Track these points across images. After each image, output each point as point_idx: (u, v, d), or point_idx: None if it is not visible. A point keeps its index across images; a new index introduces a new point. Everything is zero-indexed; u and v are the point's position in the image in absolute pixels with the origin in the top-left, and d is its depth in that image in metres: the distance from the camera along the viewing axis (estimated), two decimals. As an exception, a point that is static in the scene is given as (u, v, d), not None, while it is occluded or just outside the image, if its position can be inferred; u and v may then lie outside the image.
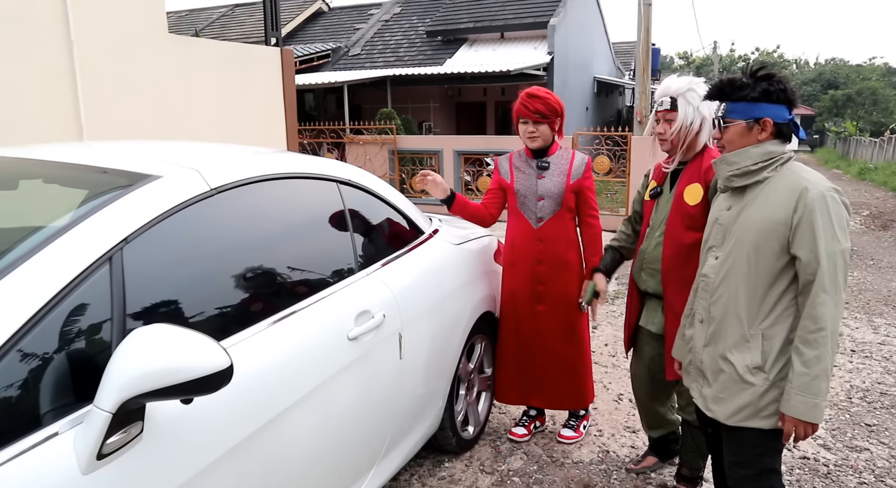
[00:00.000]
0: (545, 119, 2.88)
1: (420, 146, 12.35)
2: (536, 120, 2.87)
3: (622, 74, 22.30)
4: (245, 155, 2.13)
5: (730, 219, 1.93)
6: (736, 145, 1.89)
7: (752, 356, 1.86)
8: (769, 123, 1.84)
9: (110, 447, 1.26)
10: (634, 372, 2.81)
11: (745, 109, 1.86)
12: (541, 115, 2.86)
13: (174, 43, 5.72)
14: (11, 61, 4.57)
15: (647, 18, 10.12)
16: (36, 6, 4.62)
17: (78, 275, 1.36)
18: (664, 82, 2.47)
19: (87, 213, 1.47)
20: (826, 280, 1.73)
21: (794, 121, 1.88)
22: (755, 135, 1.87)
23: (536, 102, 2.87)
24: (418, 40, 17.74)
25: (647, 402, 2.81)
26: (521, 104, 2.91)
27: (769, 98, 1.83)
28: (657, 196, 2.55)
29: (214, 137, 6.05)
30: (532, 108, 2.87)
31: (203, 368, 1.28)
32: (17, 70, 4.61)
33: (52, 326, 1.31)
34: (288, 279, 1.99)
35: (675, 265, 2.43)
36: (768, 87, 1.83)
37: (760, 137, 1.86)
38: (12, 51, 4.56)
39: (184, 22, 21.23)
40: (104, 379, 1.24)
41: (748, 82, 1.86)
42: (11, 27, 4.53)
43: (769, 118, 1.84)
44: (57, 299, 1.32)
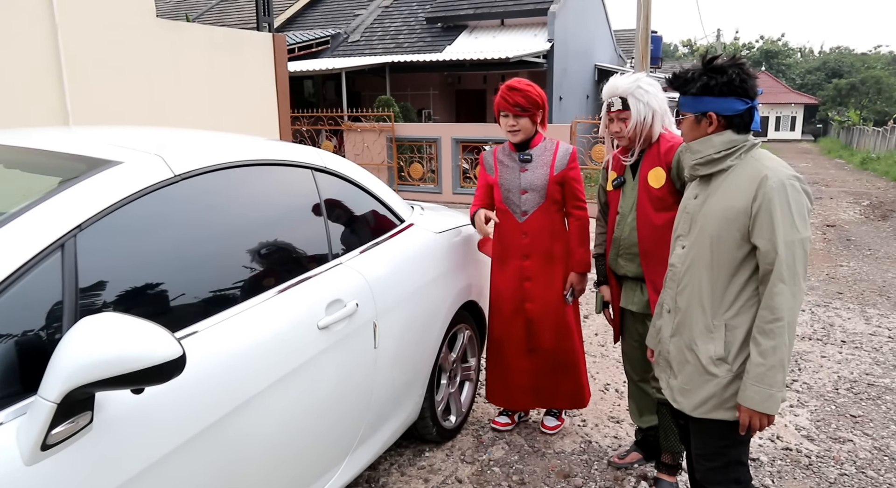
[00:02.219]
0: (525, 112, 2.81)
1: (418, 134, 12.29)
2: (517, 113, 2.81)
3: (624, 62, 22.12)
4: (215, 141, 2.09)
5: (695, 207, 1.92)
6: (689, 137, 1.91)
7: (716, 347, 1.85)
8: (713, 117, 1.83)
9: (55, 437, 1.24)
10: (624, 351, 2.85)
11: (691, 103, 1.86)
12: (521, 108, 2.80)
13: (163, 28, 5.65)
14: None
15: (647, 5, 10.01)
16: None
17: (26, 263, 1.34)
18: (611, 82, 2.56)
19: (39, 200, 1.44)
20: (784, 269, 1.70)
21: (751, 110, 1.83)
22: (704, 127, 1.86)
23: (516, 95, 2.81)
24: (418, 27, 17.60)
25: (638, 381, 2.82)
26: (501, 97, 2.86)
27: (710, 92, 1.81)
28: (621, 185, 2.63)
29: (205, 124, 6.00)
30: (512, 101, 2.81)
31: (153, 357, 1.26)
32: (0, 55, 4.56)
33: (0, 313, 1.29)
34: (255, 268, 1.96)
35: (651, 245, 2.51)
36: (707, 82, 1.80)
37: (709, 130, 1.85)
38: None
39: (181, 8, 21.07)
40: (49, 368, 1.22)
41: (692, 77, 1.84)
42: (-7, 11, 4.48)
43: (713, 112, 1.82)
44: (4, 285, 1.30)
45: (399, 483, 2.79)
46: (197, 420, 1.56)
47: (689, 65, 1.94)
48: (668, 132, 2.52)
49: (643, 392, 2.83)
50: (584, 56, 17.92)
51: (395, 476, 2.84)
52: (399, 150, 12.30)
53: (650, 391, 2.79)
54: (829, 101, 44.45)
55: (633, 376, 2.84)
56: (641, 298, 2.61)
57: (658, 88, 2.50)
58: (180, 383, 1.49)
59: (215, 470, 1.63)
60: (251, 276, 1.93)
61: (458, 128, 12.45)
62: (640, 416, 2.90)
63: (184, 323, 1.64)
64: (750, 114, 1.85)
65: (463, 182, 12.00)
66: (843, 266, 7.13)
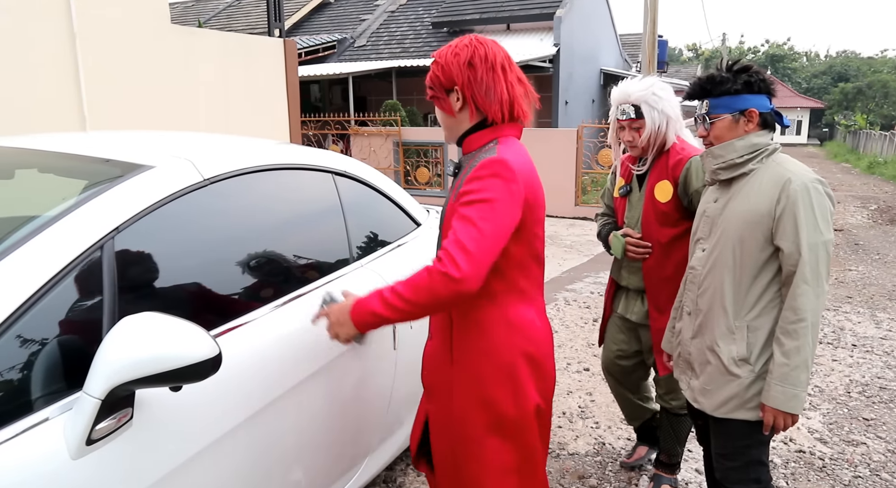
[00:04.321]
0: (433, 96, 1.72)
1: (424, 138, 12.34)
2: (430, 98, 1.74)
3: (630, 66, 22.18)
4: (240, 145, 2.14)
5: (716, 211, 1.94)
6: (724, 139, 1.91)
7: (738, 348, 1.87)
8: (755, 114, 1.87)
9: (100, 433, 1.27)
10: (605, 365, 2.81)
11: (729, 103, 1.88)
12: (430, 90, 1.73)
13: (177, 34, 5.72)
14: (14, 53, 4.59)
15: (654, 9, 10.06)
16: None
17: (69, 263, 1.38)
18: (622, 87, 2.39)
19: (78, 203, 1.48)
20: (807, 271, 1.73)
21: (776, 110, 1.90)
22: (742, 127, 1.88)
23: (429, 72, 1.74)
24: (424, 31, 17.68)
25: (622, 392, 2.82)
26: None
27: (751, 89, 1.86)
28: (628, 194, 2.54)
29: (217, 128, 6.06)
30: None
31: (191, 356, 1.30)
32: (20, 62, 4.63)
33: (43, 313, 1.33)
34: (281, 269, 2.00)
35: (655, 262, 2.43)
36: (749, 78, 1.86)
37: (747, 128, 1.88)
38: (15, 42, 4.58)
39: (190, 12, 21.22)
40: (93, 365, 1.26)
41: (728, 76, 1.87)
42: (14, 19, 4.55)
43: (754, 108, 1.86)
44: (48, 286, 1.34)
45: (416, 483, 2.82)
46: (229, 417, 1.59)
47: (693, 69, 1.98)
48: (679, 142, 2.39)
49: (625, 398, 2.83)
50: (590, 60, 17.96)
51: (411, 476, 2.87)
52: (405, 155, 12.35)
53: (632, 397, 2.82)
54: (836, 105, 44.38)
55: (612, 386, 2.84)
56: (642, 308, 2.54)
57: (671, 92, 2.37)
58: (213, 382, 1.53)
59: (244, 467, 1.66)
60: (278, 278, 1.97)
61: (465, 132, 12.47)
62: (631, 421, 2.92)
63: (215, 323, 1.67)
64: (777, 113, 1.91)
65: (470, 186, 12.02)
66: (851, 270, 7.14)
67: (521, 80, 1.71)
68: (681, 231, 2.36)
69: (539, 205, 1.68)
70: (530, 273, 1.72)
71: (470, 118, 1.69)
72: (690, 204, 2.31)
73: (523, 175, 1.60)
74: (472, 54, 1.65)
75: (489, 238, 1.51)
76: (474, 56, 1.65)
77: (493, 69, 1.65)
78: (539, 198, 1.67)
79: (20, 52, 4.63)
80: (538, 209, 1.68)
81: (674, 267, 2.37)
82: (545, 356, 1.74)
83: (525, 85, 1.72)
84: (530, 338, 1.70)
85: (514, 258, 1.65)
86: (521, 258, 1.67)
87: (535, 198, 1.65)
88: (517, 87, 1.68)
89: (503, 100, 1.66)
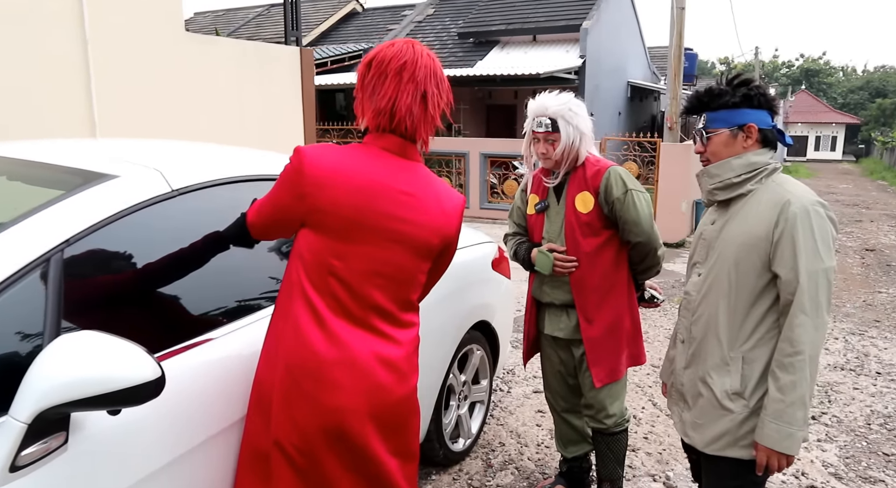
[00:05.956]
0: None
1: (446, 148, 12.28)
2: None
3: (658, 79, 21.91)
4: (220, 155, 2.07)
5: (713, 233, 1.83)
6: (721, 156, 1.79)
7: (732, 380, 1.75)
8: (754, 129, 1.75)
9: (26, 459, 1.20)
10: (547, 382, 2.73)
11: (726, 117, 1.76)
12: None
13: (192, 41, 5.75)
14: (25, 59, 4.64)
15: (680, 22, 9.88)
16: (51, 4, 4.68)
17: (7, 278, 1.32)
18: (540, 101, 2.44)
19: (27, 213, 1.43)
20: (806, 300, 1.61)
21: (778, 127, 1.78)
22: (740, 143, 1.76)
23: None
24: (450, 42, 17.68)
25: (562, 412, 2.73)
26: None
27: (751, 103, 1.75)
28: (545, 210, 2.53)
29: (232, 136, 6.07)
30: None
31: (129, 379, 1.22)
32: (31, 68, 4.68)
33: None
34: (246, 288, 1.91)
35: (581, 273, 2.42)
36: (748, 92, 1.75)
37: (746, 145, 1.76)
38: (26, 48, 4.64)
39: (220, 21, 21.55)
40: (21, 387, 1.19)
41: (727, 89, 1.76)
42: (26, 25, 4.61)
43: (753, 123, 1.74)
44: (-17, 302, 1.28)
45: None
46: (178, 444, 1.51)
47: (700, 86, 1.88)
48: (592, 156, 2.45)
49: (567, 423, 2.74)
50: (617, 73, 17.78)
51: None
52: (427, 164, 12.05)
53: (577, 423, 2.72)
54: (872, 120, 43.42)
55: (556, 407, 2.73)
56: (568, 323, 2.50)
57: (585, 111, 2.43)
58: (162, 404, 1.45)
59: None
60: (240, 297, 1.89)
61: (487, 142, 12.42)
62: (564, 447, 2.80)
63: (175, 342, 1.60)
64: (779, 131, 1.79)
65: (490, 197, 11.95)
66: (881, 292, 6.86)
67: (430, 95, 1.57)
68: (604, 239, 2.41)
69: (341, 215, 1.51)
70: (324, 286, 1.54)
71: (361, 121, 1.62)
72: (611, 212, 2.36)
73: (321, 171, 1.51)
74: (375, 54, 1.59)
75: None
76: (377, 56, 1.58)
77: (384, 74, 1.56)
78: (342, 208, 1.50)
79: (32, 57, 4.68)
80: (338, 219, 1.51)
81: (600, 275, 2.42)
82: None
83: (431, 103, 1.58)
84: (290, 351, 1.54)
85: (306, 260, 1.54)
86: (309, 262, 1.54)
87: (334, 206, 1.50)
88: (411, 100, 1.55)
89: (380, 108, 1.56)
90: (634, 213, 2.34)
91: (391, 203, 1.55)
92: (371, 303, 1.56)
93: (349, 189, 1.52)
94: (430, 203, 1.62)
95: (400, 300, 1.62)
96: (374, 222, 1.54)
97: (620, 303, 2.47)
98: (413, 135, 1.59)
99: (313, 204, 1.51)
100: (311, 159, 1.52)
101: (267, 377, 1.58)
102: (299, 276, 1.55)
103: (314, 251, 1.53)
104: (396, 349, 1.60)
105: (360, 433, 1.56)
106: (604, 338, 2.44)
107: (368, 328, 1.57)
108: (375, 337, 1.57)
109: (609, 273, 2.43)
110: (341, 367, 1.52)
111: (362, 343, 1.55)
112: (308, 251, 1.54)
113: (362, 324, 1.56)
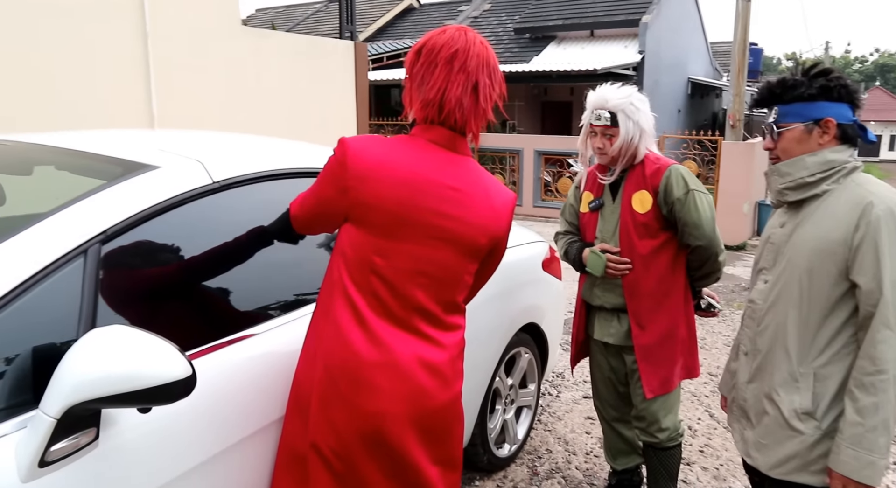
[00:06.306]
0: None
1: (500, 145, 12.17)
2: None
3: (720, 75, 21.18)
4: (263, 147, 2.03)
5: (782, 237, 1.67)
6: (793, 153, 1.63)
7: (802, 399, 1.59)
8: (832, 124, 1.58)
9: (55, 454, 1.17)
10: (596, 390, 2.60)
11: (801, 110, 1.60)
12: None
13: (247, 35, 5.82)
14: (89, 52, 4.78)
15: (745, 15, 9.47)
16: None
17: (44, 268, 1.29)
18: (600, 92, 2.30)
19: (65, 204, 1.41)
20: (891, 313, 1.44)
21: (860, 123, 1.61)
22: (816, 139, 1.60)
23: None
24: (506, 37, 17.50)
25: (612, 421, 2.60)
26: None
27: (829, 95, 1.58)
28: (599, 208, 2.39)
29: (284, 129, 6.12)
30: None
31: (158, 377, 1.18)
32: (94, 60, 4.82)
33: (14, 317, 1.25)
34: (288, 284, 1.86)
35: (635, 276, 2.29)
36: (827, 83, 1.57)
37: (822, 141, 1.59)
38: (90, 41, 4.77)
39: (280, 17, 21.94)
40: (51, 382, 1.16)
41: (802, 80, 1.59)
42: (90, 19, 4.73)
43: (832, 118, 1.57)
44: (20, 290, 1.26)
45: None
46: (210, 444, 1.47)
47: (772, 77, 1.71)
48: (652, 153, 2.30)
49: (617, 433, 2.60)
50: (677, 68, 17.26)
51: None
52: (480, 161, 12.21)
53: (627, 433, 2.58)
54: (952, 120, 40.92)
55: (605, 415, 2.60)
56: (620, 329, 2.36)
57: (647, 106, 2.29)
58: (196, 404, 1.41)
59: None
60: (287, 292, 1.84)
61: (541, 139, 12.24)
62: (614, 459, 2.66)
63: (213, 339, 1.56)
64: (861, 126, 1.62)
65: (544, 195, 11.77)
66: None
67: (482, 86, 1.47)
68: (661, 241, 2.27)
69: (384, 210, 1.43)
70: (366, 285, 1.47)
71: (409, 113, 1.54)
72: (670, 213, 2.23)
73: (365, 163, 1.44)
74: (425, 42, 1.50)
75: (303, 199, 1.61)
76: (426, 44, 1.49)
77: (434, 63, 1.47)
78: (386, 202, 1.43)
79: (94, 50, 4.82)
80: (382, 214, 1.43)
81: (655, 280, 2.28)
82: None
83: (483, 95, 1.48)
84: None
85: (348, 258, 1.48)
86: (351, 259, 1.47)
87: (377, 200, 1.43)
88: (461, 92, 1.45)
89: (428, 99, 1.47)
90: (696, 215, 2.19)
91: (436, 198, 1.47)
92: (414, 304, 1.49)
93: (393, 182, 1.44)
94: (479, 200, 1.53)
95: (444, 301, 1.54)
96: (417, 218, 1.45)
97: (676, 310, 2.33)
98: (463, 127, 1.51)
99: (356, 197, 1.44)
100: (355, 151, 1.46)
101: (306, 377, 1.53)
102: (341, 274, 1.48)
103: (356, 247, 1.47)
104: (440, 352, 1.52)
105: (399, 438, 1.48)
106: (657, 347, 2.31)
107: (411, 330, 1.49)
108: (418, 339, 1.49)
109: (665, 277, 2.29)
110: (381, 370, 1.45)
111: (404, 345, 1.47)
112: (350, 247, 1.48)
113: (405, 326, 1.49)
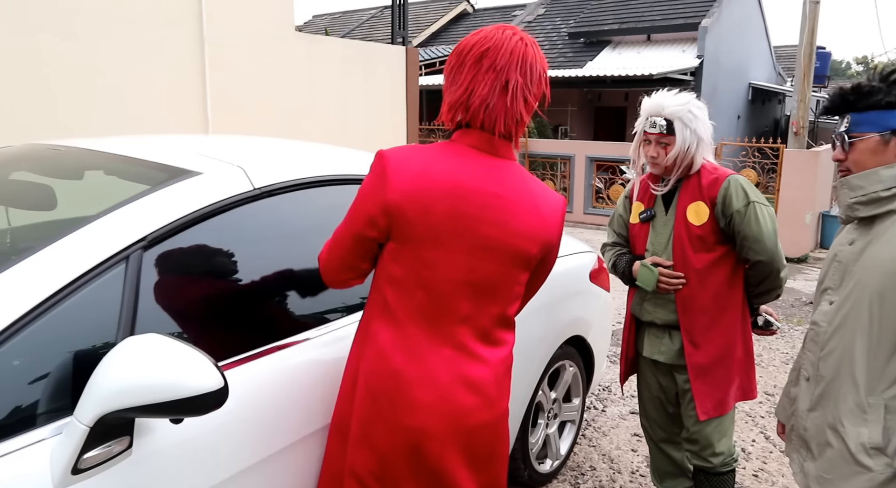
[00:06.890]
0: None
1: (551, 150, 12.04)
2: None
3: (784, 81, 20.44)
4: (306, 153, 2.03)
5: (851, 256, 1.55)
6: (866, 165, 1.51)
7: (871, 432, 1.47)
8: None
9: (88, 462, 1.17)
10: (643, 409, 2.50)
11: (877, 119, 1.48)
12: None
13: (300, 41, 5.91)
14: (148, 57, 4.93)
15: (813, 17, 9.08)
16: (173, 5, 4.94)
17: (85, 273, 1.30)
18: (656, 99, 2.18)
19: (109, 209, 1.42)
20: None
21: None
22: (892, 151, 1.48)
23: None
24: (560, 42, 17.32)
25: (660, 442, 2.49)
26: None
27: None
28: (650, 219, 2.29)
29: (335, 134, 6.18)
30: None
31: (190, 388, 1.16)
32: (153, 65, 4.97)
33: (54, 322, 1.26)
34: (327, 294, 1.84)
35: (689, 291, 2.18)
36: None
37: None
38: (149, 47, 4.92)
39: (336, 23, 22.29)
40: (86, 390, 1.16)
41: (880, 86, 1.47)
42: (150, 25, 4.88)
43: None
44: (60, 296, 1.27)
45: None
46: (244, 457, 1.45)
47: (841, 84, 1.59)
48: (709, 163, 2.20)
49: (665, 454, 2.48)
50: (738, 74, 16.75)
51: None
52: (531, 167, 12.10)
53: (675, 455, 2.46)
54: None
55: (653, 436, 2.49)
56: (671, 347, 2.25)
57: (706, 114, 2.18)
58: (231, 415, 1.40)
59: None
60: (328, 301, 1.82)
61: (593, 145, 12.04)
62: (660, 481, 2.54)
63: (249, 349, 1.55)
64: None
65: (595, 202, 11.57)
66: None
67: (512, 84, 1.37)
68: (717, 256, 2.17)
69: (428, 222, 1.37)
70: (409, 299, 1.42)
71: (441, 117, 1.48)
72: (728, 226, 2.13)
73: (406, 175, 1.37)
74: (460, 43, 1.44)
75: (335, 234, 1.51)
76: (459, 44, 1.43)
77: (462, 63, 1.41)
78: (430, 215, 1.36)
79: (153, 55, 4.98)
80: (426, 226, 1.37)
81: (710, 296, 2.17)
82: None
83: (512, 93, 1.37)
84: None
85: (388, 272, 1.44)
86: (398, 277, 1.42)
87: (421, 213, 1.36)
88: (488, 91, 1.37)
89: (454, 101, 1.41)
90: (756, 229, 2.07)
91: (479, 206, 1.39)
92: (460, 317, 1.42)
93: (435, 193, 1.37)
94: (525, 206, 1.44)
95: (492, 314, 1.46)
96: (461, 227, 1.39)
97: (733, 328, 2.21)
98: (492, 129, 1.41)
99: (399, 211, 1.37)
100: (396, 163, 1.38)
101: (346, 402, 1.49)
102: (384, 295, 1.43)
103: (403, 264, 1.41)
104: (484, 370, 1.45)
105: (438, 458, 1.42)
106: (712, 366, 2.19)
107: (455, 345, 1.42)
108: (462, 355, 1.43)
109: (721, 293, 2.18)
110: (421, 386, 1.40)
111: (446, 362, 1.41)
112: (395, 265, 1.41)
113: (449, 342, 1.42)
